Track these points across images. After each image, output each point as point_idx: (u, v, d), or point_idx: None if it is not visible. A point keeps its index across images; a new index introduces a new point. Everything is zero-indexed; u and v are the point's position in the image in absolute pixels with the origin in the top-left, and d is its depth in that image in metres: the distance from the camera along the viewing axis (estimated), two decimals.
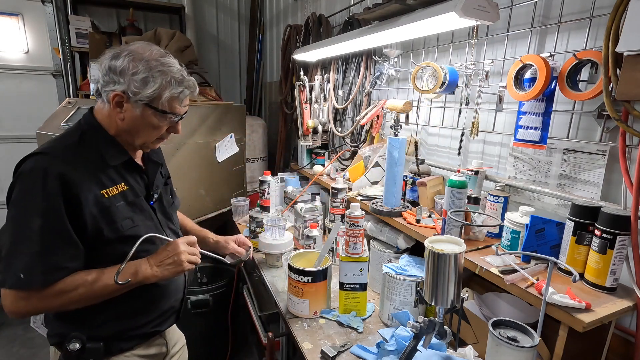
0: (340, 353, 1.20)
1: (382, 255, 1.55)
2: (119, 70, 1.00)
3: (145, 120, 1.04)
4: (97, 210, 0.99)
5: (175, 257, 1.05)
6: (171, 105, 1.06)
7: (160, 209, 1.21)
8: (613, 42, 0.94)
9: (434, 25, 1.30)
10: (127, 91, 1.00)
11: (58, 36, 3.40)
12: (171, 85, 1.03)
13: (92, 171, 1.00)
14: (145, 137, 1.09)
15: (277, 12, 3.71)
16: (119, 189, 1.05)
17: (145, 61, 1.01)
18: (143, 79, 1.00)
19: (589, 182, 1.13)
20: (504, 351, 0.90)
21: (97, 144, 1.05)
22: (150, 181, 1.18)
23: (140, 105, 1.02)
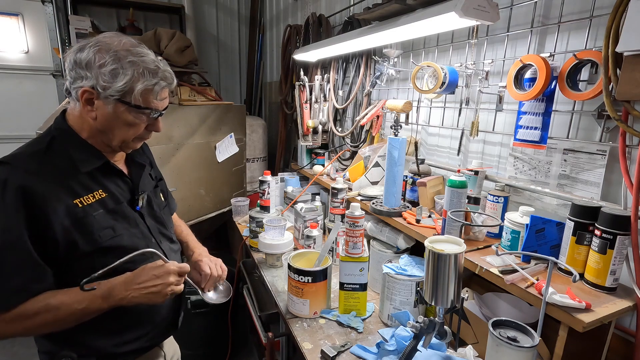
0: (340, 353, 1.19)
1: (382, 255, 1.55)
2: (85, 63, 0.90)
3: (119, 117, 0.95)
4: (69, 221, 0.89)
5: (161, 286, 0.94)
6: (145, 99, 0.95)
7: (149, 213, 1.12)
8: (613, 42, 0.94)
9: (434, 25, 1.30)
10: (96, 86, 0.90)
11: (58, 36, 3.40)
12: (144, 76, 0.93)
13: (62, 180, 0.91)
14: (121, 136, 0.98)
15: (277, 12, 3.71)
16: (95, 196, 0.96)
17: (114, 52, 0.91)
18: (111, 71, 0.90)
19: (589, 182, 1.13)
20: (504, 351, 0.90)
21: (67, 149, 0.95)
22: (135, 185, 1.08)
23: (111, 101, 0.92)
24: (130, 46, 0.94)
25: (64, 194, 0.90)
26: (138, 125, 0.99)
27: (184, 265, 1.00)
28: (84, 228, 0.92)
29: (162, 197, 1.23)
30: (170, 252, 1.15)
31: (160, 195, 1.22)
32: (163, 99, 1.00)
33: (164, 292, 0.94)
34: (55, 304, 0.88)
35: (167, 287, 0.94)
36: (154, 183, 1.21)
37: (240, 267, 2.26)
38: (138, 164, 1.13)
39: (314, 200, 2.10)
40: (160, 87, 0.97)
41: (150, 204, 1.13)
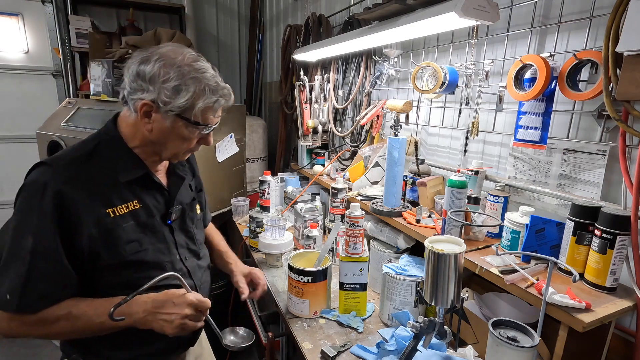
0: (340, 353, 1.19)
1: (382, 255, 1.55)
2: (149, 77, 0.90)
3: (175, 132, 0.95)
4: (97, 231, 0.89)
5: (175, 316, 0.90)
6: (205, 116, 0.95)
7: (181, 227, 1.09)
8: (613, 42, 0.94)
9: (434, 25, 1.30)
10: (157, 100, 0.90)
11: (58, 36, 3.41)
12: (205, 94, 0.92)
13: (98, 188, 0.91)
14: (173, 149, 0.99)
15: (277, 12, 3.71)
16: (129, 207, 0.95)
17: (178, 67, 0.90)
18: (175, 87, 0.90)
19: (589, 182, 1.13)
20: (504, 351, 0.90)
21: (111, 157, 0.95)
22: (172, 197, 1.06)
23: (170, 116, 0.92)
24: (193, 61, 0.93)
25: (98, 203, 0.90)
26: (191, 140, 0.99)
27: (204, 301, 0.95)
28: (109, 240, 0.91)
29: (198, 209, 1.19)
30: (195, 269, 1.11)
31: (197, 208, 1.19)
32: (219, 115, 1.01)
33: (176, 322, 0.90)
34: (75, 314, 0.88)
35: (181, 319, 0.91)
36: (193, 195, 1.17)
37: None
38: (178, 176, 1.11)
39: (314, 200, 2.10)
40: (219, 105, 0.97)
41: (183, 218, 1.10)
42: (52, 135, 2.42)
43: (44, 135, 2.49)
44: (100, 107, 2.51)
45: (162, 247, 1.01)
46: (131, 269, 0.94)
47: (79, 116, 2.55)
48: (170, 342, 1.05)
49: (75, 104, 2.69)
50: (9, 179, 3.65)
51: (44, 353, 2.57)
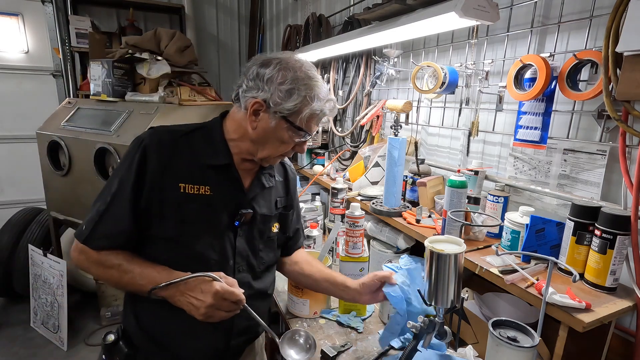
0: (340, 353, 1.19)
1: (382, 255, 1.55)
2: (267, 78, 0.95)
3: (277, 133, 0.97)
4: (163, 199, 0.94)
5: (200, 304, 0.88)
6: (309, 123, 0.98)
7: (246, 235, 1.05)
8: (613, 42, 0.94)
9: (434, 25, 1.30)
10: (269, 100, 0.94)
11: (58, 36, 3.41)
12: (314, 101, 0.96)
13: (181, 160, 0.96)
14: (270, 150, 1.00)
15: (277, 12, 3.71)
16: (200, 190, 0.97)
17: (294, 72, 0.95)
18: (288, 90, 0.94)
19: (589, 182, 1.13)
20: (504, 351, 0.90)
21: (204, 141, 1.01)
22: (246, 199, 1.04)
23: (277, 117, 0.95)
24: (308, 69, 0.98)
25: (175, 173, 0.96)
26: (288, 144, 1.01)
27: (232, 292, 0.90)
28: (169, 211, 0.95)
29: (274, 228, 1.14)
30: (244, 286, 0.99)
31: (275, 226, 1.14)
32: (317, 126, 1.04)
33: (202, 310, 0.88)
34: (125, 268, 0.93)
35: (206, 308, 0.88)
36: (274, 211, 1.13)
37: None
38: (261, 183, 1.09)
39: (314, 200, 2.10)
40: (324, 115, 1.00)
41: (251, 227, 1.06)
42: (52, 135, 2.42)
43: (44, 135, 2.49)
44: (100, 107, 2.51)
45: (217, 244, 1.00)
46: (176, 250, 0.96)
47: (79, 116, 2.55)
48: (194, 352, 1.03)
49: (75, 104, 2.69)
50: (9, 179, 3.65)
51: (43, 352, 2.57)
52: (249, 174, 1.07)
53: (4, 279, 2.91)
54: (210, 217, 0.99)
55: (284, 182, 1.19)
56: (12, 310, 3.03)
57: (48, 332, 2.69)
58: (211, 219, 0.99)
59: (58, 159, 2.49)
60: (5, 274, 2.90)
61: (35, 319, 2.81)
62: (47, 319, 2.69)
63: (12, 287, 2.95)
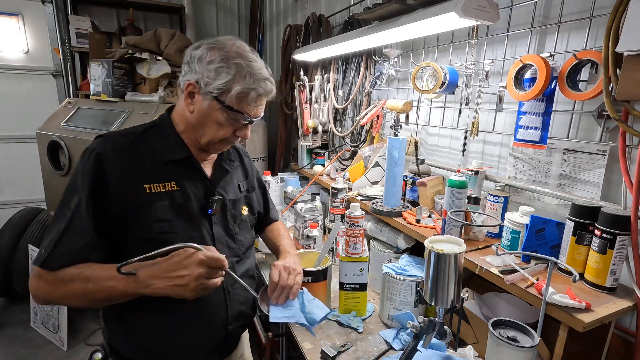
0: (340, 353, 1.19)
1: (382, 255, 1.55)
2: (197, 58, 0.95)
3: (212, 115, 0.97)
4: (131, 204, 0.92)
5: (188, 278, 0.85)
6: (240, 103, 0.96)
7: (221, 222, 1.08)
8: (613, 42, 0.94)
9: (434, 25, 1.30)
10: (200, 81, 0.94)
11: (58, 36, 3.41)
12: (244, 80, 0.94)
13: (140, 162, 0.95)
14: (210, 134, 0.99)
15: (277, 12, 3.71)
16: (167, 187, 0.97)
17: (225, 52, 0.95)
18: (217, 68, 0.93)
19: (589, 182, 1.13)
20: (504, 351, 0.90)
21: (159, 138, 1.00)
22: (213, 187, 1.06)
23: (209, 98, 0.95)
24: (242, 51, 0.97)
25: (137, 176, 0.94)
26: (227, 127, 0.99)
27: (216, 257, 0.89)
28: (142, 213, 0.93)
29: (244, 210, 1.17)
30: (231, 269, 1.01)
31: (244, 209, 1.17)
32: (257, 106, 1.00)
33: (192, 285, 0.85)
34: (87, 275, 0.87)
35: (195, 280, 0.85)
36: (240, 195, 1.16)
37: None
38: (223, 169, 1.12)
39: (314, 200, 2.10)
40: (256, 94, 0.97)
41: (224, 213, 1.09)
42: (52, 135, 2.42)
43: (44, 135, 2.49)
44: (100, 107, 2.51)
45: (196, 235, 1.00)
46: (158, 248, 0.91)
47: (79, 116, 2.55)
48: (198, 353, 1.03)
49: (75, 104, 2.69)
50: (9, 179, 3.65)
51: (43, 352, 2.57)
52: (209, 163, 1.10)
53: (4, 279, 2.91)
54: (182, 211, 0.98)
55: (241, 166, 1.23)
56: (12, 310, 3.03)
57: (48, 332, 2.69)
58: (184, 212, 0.99)
59: (58, 159, 2.49)
60: (5, 274, 2.90)
61: (35, 319, 2.81)
62: (47, 319, 2.69)
63: (12, 287, 2.95)
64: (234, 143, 1.07)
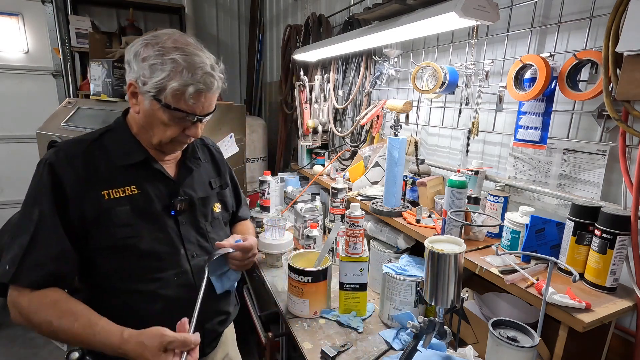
0: (340, 353, 1.19)
1: (382, 255, 1.55)
2: (133, 55, 0.91)
3: (155, 115, 0.92)
4: (91, 212, 0.90)
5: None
6: (176, 99, 0.89)
7: (190, 222, 1.05)
8: (613, 42, 0.94)
9: (434, 25, 1.30)
10: (138, 80, 0.90)
11: (58, 36, 3.41)
12: (180, 76, 0.88)
13: (97, 169, 0.92)
14: (158, 135, 0.95)
15: (277, 12, 3.71)
16: (126, 191, 0.94)
17: (160, 47, 0.88)
18: (151, 65, 0.88)
19: (589, 182, 1.13)
20: (504, 351, 0.90)
21: (115, 141, 0.98)
22: (177, 187, 1.03)
23: (148, 97, 0.90)
24: (182, 44, 0.91)
25: (95, 183, 0.91)
26: (173, 127, 0.94)
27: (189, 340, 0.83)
28: (102, 221, 0.91)
29: (216, 208, 1.15)
30: (203, 270, 1.02)
31: (215, 206, 1.14)
32: (199, 102, 0.93)
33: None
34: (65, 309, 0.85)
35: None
36: (210, 192, 1.13)
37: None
38: (187, 168, 1.08)
39: (314, 200, 2.10)
40: (194, 90, 0.90)
41: (193, 212, 1.06)
42: (52, 135, 2.42)
43: (44, 135, 2.49)
44: (100, 107, 2.51)
45: (162, 237, 0.98)
46: (124, 255, 0.93)
47: (79, 116, 2.55)
48: None
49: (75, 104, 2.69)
50: (9, 179, 3.65)
51: (43, 352, 2.57)
52: (173, 162, 1.07)
53: None
54: (145, 214, 0.96)
55: (212, 163, 1.20)
56: None
57: None
58: (147, 215, 0.96)
59: None
60: None
61: None
62: None
63: None
64: (186, 142, 1.02)
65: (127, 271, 0.93)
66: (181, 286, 1.00)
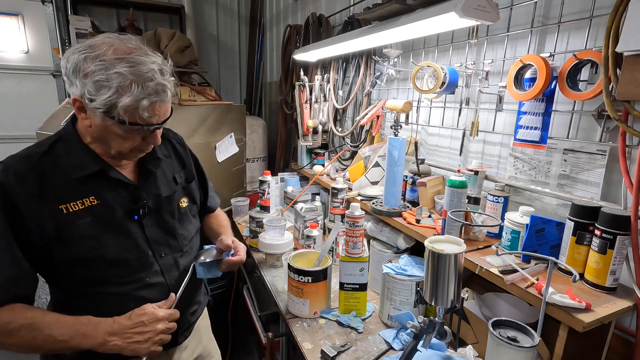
0: (340, 353, 1.19)
1: (382, 255, 1.55)
2: (72, 69, 0.84)
3: (109, 129, 0.88)
4: (50, 228, 0.86)
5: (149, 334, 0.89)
6: (131, 115, 0.85)
7: (157, 222, 1.04)
8: (613, 42, 0.94)
9: (434, 25, 1.30)
10: (84, 96, 0.84)
11: (58, 36, 3.40)
12: (129, 90, 0.83)
13: (50, 184, 0.88)
14: (117, 147, 0.91)
15: (277, 12, 3.71)
16: (85, 203, 0.90)
17: (101, 60, 0.82)
18: (96, 82, 0.82)
19: (589, 182, 1.13)
20: (504, 351, 0.90)
21: (66, 153, 0.92)
22: (138, 191, 1.00)
23: (99, 114, 0.85)
24: (124, 53, 0.84)
25: (50, 199, 0.87)
26: (131, 138, 0.91)
27: (174, 312, 0.96)
28: (63, 237, 0.88)
29: (183, 203, 1.13)
30: (171, 267, 1.06)
31: (182, 201, 1.12)
32: (155, 114, 0.89)
33: (151, 341, 0.89)
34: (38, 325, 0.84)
35: (156, 335, 0.90)
36: (175, 188, 1.11)
37: (240, 267, 2.26)
38: (147, 170, 1.04)
39: (314, 200, 2.10)
40: (148, 103, 0.85)
41: (159, 212, 1.05)
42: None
43: (44, 135, 2.49)
44: None
45: (128, 243, 0.97)
46: (91, 266, 0.91)
47: None
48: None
49: None
50: None
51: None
52: (131, 166, 1.03)
53: None
54: (107, 223, 0.94)
55: (175, 158, 1.16)
56: None
57: None
58: (109, 224, 0.94)
59: None
60: None
61: None
62: None
63: None
64: (146, 150, 0.99)
65: (96, 279, 0.93)
66: (153, 285, 1.02)
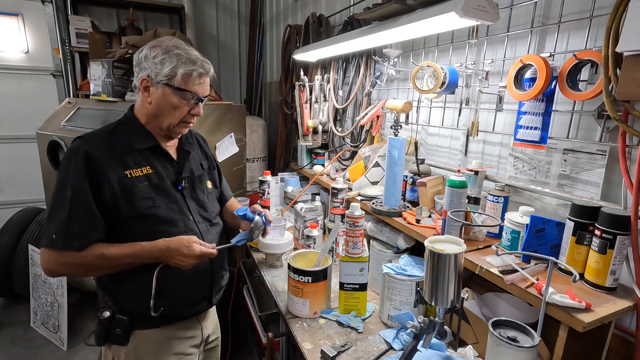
0: (340, 353, 1.19)
1: (382, 255, 1.55)
2: (143, 57, 1.14)
3: (167, 100, 1.14)
4: (118, 188, 1.10)
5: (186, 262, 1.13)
6: (185, 82, 1.14)
7: (191, 195, 1.27)
8: (613, 42, 0.94)
9: (434, 25, 1.30)
10: (150, 74, 1.13)
11: (58, 36, 3.41)
12: (185, 64, 1.13)
13: (119, 154, 1.13)
14: (169, 118, 1.17)
15: (277, 12, 3.71)
16: (143, 171, 1.15)
17: (165, 47, 1.14)
18: (161, 60, 1.12)
19: (589, 182, 1.13)
20: (504, 351, 0.90)
21: (128, 131, 1.18)
22: (180, 167, 1.25)
23: (161, 86, 1.13)
24: (179, 44, 1.17)
25: (118, 165, 1.12)
26: (182, 108, 1.16)
27: (210, 252, 1.17)
28: (128, 195, 1.11)
29: (209, 184, 1.38)
30: (206, 232, 1.28)
31: (208, 183, 1.38)
32: (201, 84, 1.18)
33: (189, 265, 1.14)
34: (108, 255, 1.08)
35: (191, 264, 1.14)
36: (203, 172, 1.36)
37: (240, 267, 2.26)
38: (185, 151, 1.30)
39: (314, 200, 2.10)
40: (197, 73, 1.15)
41: (193, 187, 1.29)
42: (52, 135, 2.42)
43: (44, 135, 2.49)
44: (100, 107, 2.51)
45: (174, 207, 1.20)
46: (147, 222, 1.14)
47: (79, 116, 2.54)
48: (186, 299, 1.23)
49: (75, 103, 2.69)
50: (9, 179, 3.65)
51: (43, 352, 2.57)
52: (173, 148, 1.29)
53: (4, 279, 2.90)
54: (160, 189, 1.18)
55: (200, 148, 1.42)
56: (12, 310, 3.03)
57: (48, 332, 2.69)
58: (161, 190, 1.18)
59: (58, 159, 2.49)
60: (5, 274, 2.89)
61: (35, 319, 2.81)
62: (47, 319, 2.69)
63: (12, 287, 2.95)
64: (190, 122, 1.23)
65: (150, 235, 1.12)
66: None
